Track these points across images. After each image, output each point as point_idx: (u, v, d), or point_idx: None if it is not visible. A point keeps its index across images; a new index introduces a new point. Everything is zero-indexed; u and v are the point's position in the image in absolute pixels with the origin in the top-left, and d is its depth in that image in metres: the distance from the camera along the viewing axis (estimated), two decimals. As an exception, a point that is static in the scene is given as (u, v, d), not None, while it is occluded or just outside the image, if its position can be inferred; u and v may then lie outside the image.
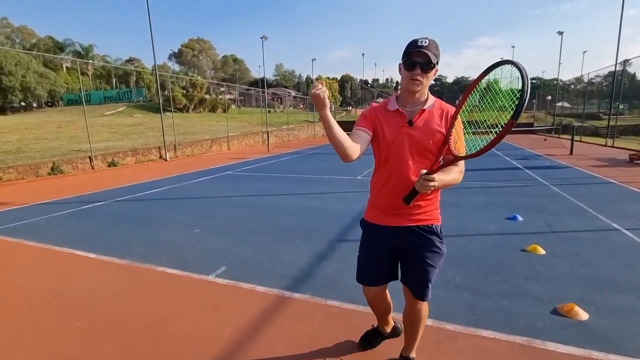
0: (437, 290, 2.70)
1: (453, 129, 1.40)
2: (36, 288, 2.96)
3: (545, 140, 19.08)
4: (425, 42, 1.41)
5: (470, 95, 1.38)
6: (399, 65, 1.48)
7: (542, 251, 3.42)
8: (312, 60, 36.93)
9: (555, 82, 27.46)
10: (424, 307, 1.72)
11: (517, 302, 2.52)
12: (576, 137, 16.79)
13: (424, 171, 1.35)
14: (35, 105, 33.19)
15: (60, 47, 43.90)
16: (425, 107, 1.50)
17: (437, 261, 1.60)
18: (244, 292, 2.79)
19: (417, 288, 1.64)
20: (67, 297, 2.79)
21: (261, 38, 22.48)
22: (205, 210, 5.52)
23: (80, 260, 3.53)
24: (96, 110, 31.12)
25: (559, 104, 26.88)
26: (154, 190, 7.16)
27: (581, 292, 2.64)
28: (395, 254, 1.66)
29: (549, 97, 28.65)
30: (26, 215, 5.32)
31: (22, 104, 31.73)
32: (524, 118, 29.79)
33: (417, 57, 1.40)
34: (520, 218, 4.53)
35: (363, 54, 54.97)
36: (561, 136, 20.79)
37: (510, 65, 1.18)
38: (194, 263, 3.36)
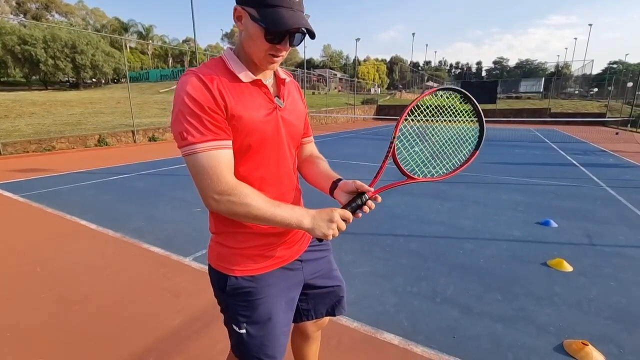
0: (420, 302, 2.35)
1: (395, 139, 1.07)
2: (31, 255, 3.10)
3: (617, 134, 16.49)
4: None
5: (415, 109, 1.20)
6: (239, 9, 0.86)
7: (568, 267, 2.83)
8: (356, 40, 35.62)
9: (641, 66, 23.35)
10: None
11: (514, 329, 2.08)
12: (658, 132, 14.29)
13: (370, 190, 1.04)
14: (103, 81, 36.37)
15: (125, 28, 47.23)
16: (283, 77, 1.04)
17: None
18: (213, 279, 2.66)
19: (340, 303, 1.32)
20: (52, 265, 2.89)
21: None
22: (216, 190, 5.51)
23: (80, 230, 3.67)
24: (152, 88, 33.31)
25: (643, 92, 22.89)
26: (177, 166, 7.37)
27: (604, 327, 2.11)
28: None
29: (630, 84, 24.44)
30: (59, 183, 5.74)
31: (93, 80, 34.92)
32: (595, 107, 25.99)
33: (293, 22, 0.83)
34: (554, 224, 3.85)
35: (413, 34, 51.46)
36: (638, 130, 17.88)
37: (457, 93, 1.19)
38: (178, 243, 3.31)
